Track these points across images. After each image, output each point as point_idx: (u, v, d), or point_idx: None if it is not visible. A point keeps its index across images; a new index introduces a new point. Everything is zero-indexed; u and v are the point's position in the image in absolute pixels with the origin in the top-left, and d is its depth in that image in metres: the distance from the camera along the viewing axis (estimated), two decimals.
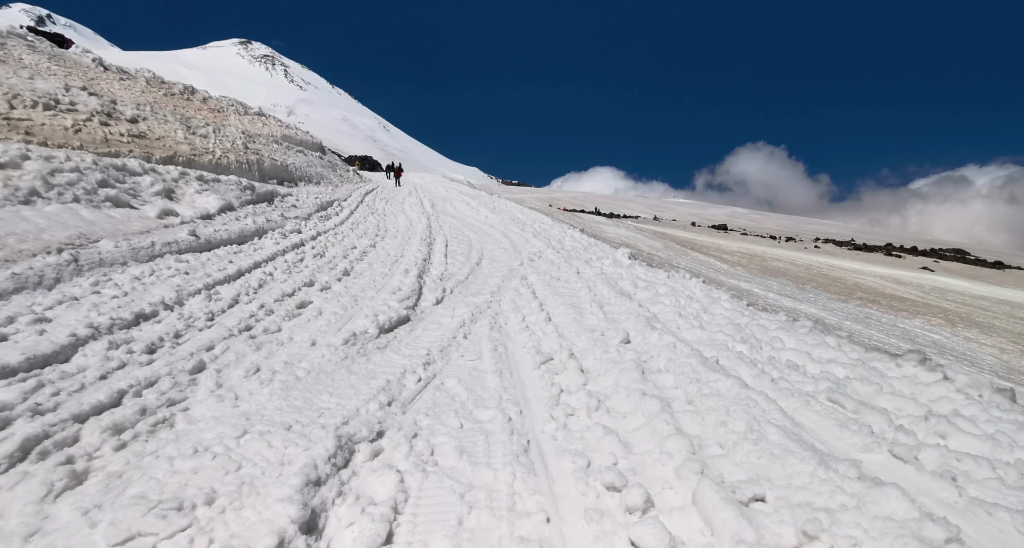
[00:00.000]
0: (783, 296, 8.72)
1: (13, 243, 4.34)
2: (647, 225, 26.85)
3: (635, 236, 16.73)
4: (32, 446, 2.09)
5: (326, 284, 5.50)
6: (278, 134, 21.12)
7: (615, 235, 15.66)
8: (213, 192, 8.76)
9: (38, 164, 6.08)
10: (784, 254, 20.39)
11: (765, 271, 13.43)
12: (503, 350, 3.83)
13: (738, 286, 8.79)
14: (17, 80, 10.32)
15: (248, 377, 3.08)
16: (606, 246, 9.57)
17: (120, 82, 17.92)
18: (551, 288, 5.66)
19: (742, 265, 14.08)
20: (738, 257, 16.32)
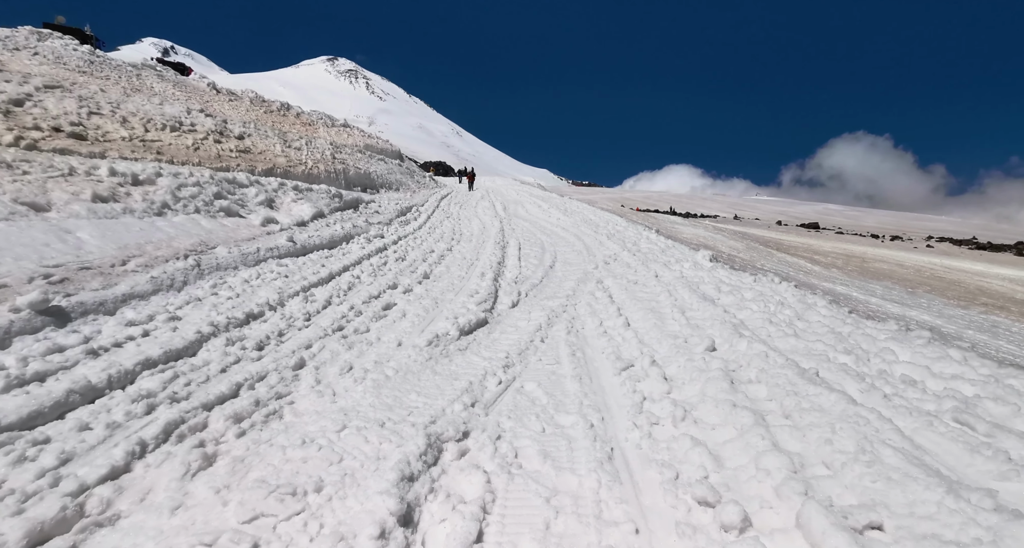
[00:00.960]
0: (889, 301, 7.89)
1: (151, 250, 4.98)
2: (727, 225, 25.45)
3: (714, 237, 15.92)
4: (172, 429, 2.38)
5: (408, 287, 5.76)
6: (361, 144, 22.46)
7: (692, 236, 15.01)
8: (307, 200, 9.49)
9: (168, 180, 6.93)
10: (889, 254, 18.43)
11: (866, 273, 12.23)
12: (581, 355, 3.81)
13: (834, 290, 8.08)
14: (150, 106, 11.83)
15: (343, 375, 3.31)
16: (684, 248, 9.19)
17: (229, 103, 19.95)
18: (628, 292, 5.54)
19: (837, 267, 12.93)
20: (832, 258, 15.00)
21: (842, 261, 14.44)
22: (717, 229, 19.84)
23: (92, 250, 4.58)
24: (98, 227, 5.09)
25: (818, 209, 55.73)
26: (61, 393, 2.50)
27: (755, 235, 19.97)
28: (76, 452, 2.15)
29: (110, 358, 3.02)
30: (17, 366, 2.68)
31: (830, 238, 24.73)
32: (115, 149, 8.88)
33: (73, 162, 6.86)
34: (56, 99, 9.84)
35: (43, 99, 9.61)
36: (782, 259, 12.77)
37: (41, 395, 2.45)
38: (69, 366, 2.84)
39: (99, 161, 7.44)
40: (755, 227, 26.17)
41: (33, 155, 6.97)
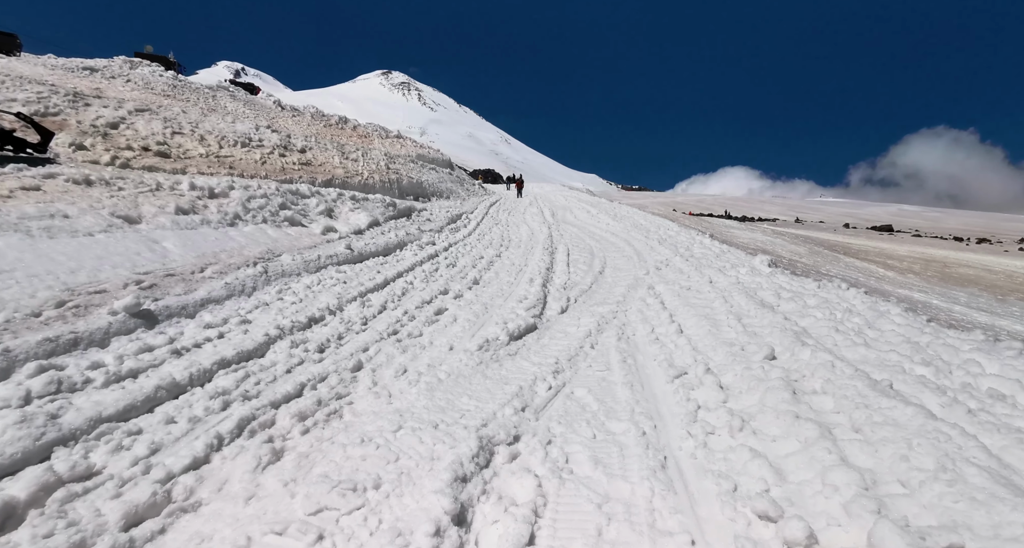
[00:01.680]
0: (975, 310, 7.22)
1: (225, 258, 5.38)
2: (787, 228, 24.18)
3: (773, 241, 15.18)
4: (245, 425, 2.57)
5: (459, 292, 5.87)
6: (413, 154, 23.18)
7: (749, 240, 14.38)
8: (363, 209, 9.91)
9: (240, 193, 7.46)
10: (975, 258, 16.87)
11: (947, 280, 11.25)
12: (632, 362, 3.75)
13: (911, 297, 7.50)
14: (224, 125, 12.78)
15: (398, 377, 3.43)
16: (740, 253, 8.83)
17: (292, 118, 21.20)
18: (681, 298, 5.39)
19: (914, 272, 11.98)
20: (908, 263, 13.91)
21: (920, 266, 13.37)
22: (776, 233, 18.91)
23: (175, 258, 5.00)
24: (180, 237, 5.55)
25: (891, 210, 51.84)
26: (151, 389, 2.75)
27: (819, 239, 18.86)
28: (164, 443, 2.36)
29: (191, 358, 3.29)
30: (114, 363, 2.98)
31: (906, 241, 22.96)
32: (194, 165, 9.67)
33: (159, 178, 7.53)
34: (145, 121, 10.85)
35: (135, 121, 10.62)
36: (850, 264, 11.98)
37: (134, 390, 2.71)
38: (157, 364, 3.12)
39: (181, 177, 8.13)
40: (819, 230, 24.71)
41: (126, 172, 7.72)
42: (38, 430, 2.18)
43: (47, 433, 2.19)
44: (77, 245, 4.45)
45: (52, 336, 3.01)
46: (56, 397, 2.53)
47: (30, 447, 2.10)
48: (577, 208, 18.91)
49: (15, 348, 2.78)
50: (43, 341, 2.94)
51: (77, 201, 5.46)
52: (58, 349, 2.97)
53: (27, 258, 3.87)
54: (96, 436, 2.32)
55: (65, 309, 3.41)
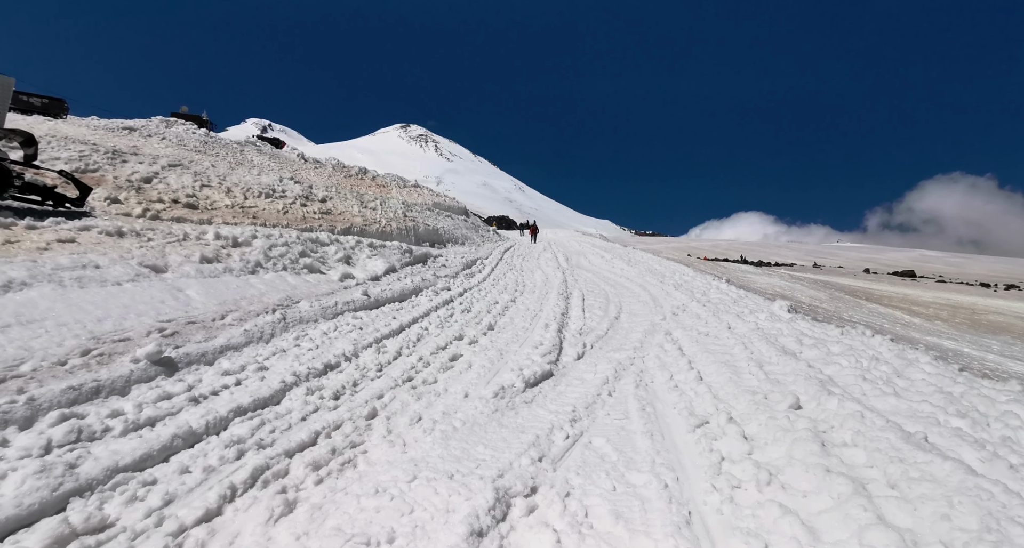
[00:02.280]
0: (1009, 358, 6.95)
1: (245, 305, 5.49)
2: (805, 273, 23.90)
3: (792, 286, 14.99)
4: (259, 475, 2.54)
5: (474, 338, 5.86)
6: (430, 202, 23.86)
7: (767, 285, 14.22)
8: (380, 256, 10.12)
9: (262, 241, 7.71)
10: (1005, 305, 16.37)
11: (977, 327, 10.89)
12: (651, 410, 3.65)
13: (940, 345, 7.26)
14: (250, 177, 13.40)
15: (413, 425, 3.38)
16: (759, 298, 8.73)
17: (314, 170, 22.14)
18: (700, 344, 5.30)
19: (941, 319, 11.63)
20: (935, 309, 13.54)
21: (947, 313, 13.00)
22: (794, 278, 18.69)
23: (198, 306, 5.12)
24: (203, 285, 5.71)
25: (912, 256, 51.08)
26: (167, 437, 2.76)
27: (839, 284, 18.57)
28: (178, 494, 2.33)
29: (208, 405, 3.30)
30: (133, 412, 3.00)
31: (930, 287, 22.46)
32: (220, 215, 10.07)
33: (187, 228, 7.85)
34: (176, 175, 11.44)
35: (167, 176, 11.20)
36: (873, 310, 11.72)
37: (151, 439, 2.71)
38: (175, 412, 3.13)
39: (207, 227, 8.45)
40: (838, 275, 24.37)
41: (156, 224, 8.07)
42: (56, 480, 2.18)
43: (64, 483, 2.18)
44: (105, 294, 4.61)
45: (76, 384, 3.06)
46: (75, 446, 2.54)
47: (47, 498, 2.09)
48: (591, 253, 19.03)
49: (39, 396, 2.83)
50: (66, 389, 2.99)
51: (108, 252, 5.70)
52: (80, 397, 3.02)
53: (58, 307, 4.00)
54: (112, 486, 2.31)
55: (90, 357, 3.49)
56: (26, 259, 4.69)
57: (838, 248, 60.83)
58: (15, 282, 4.12)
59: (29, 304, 3.90)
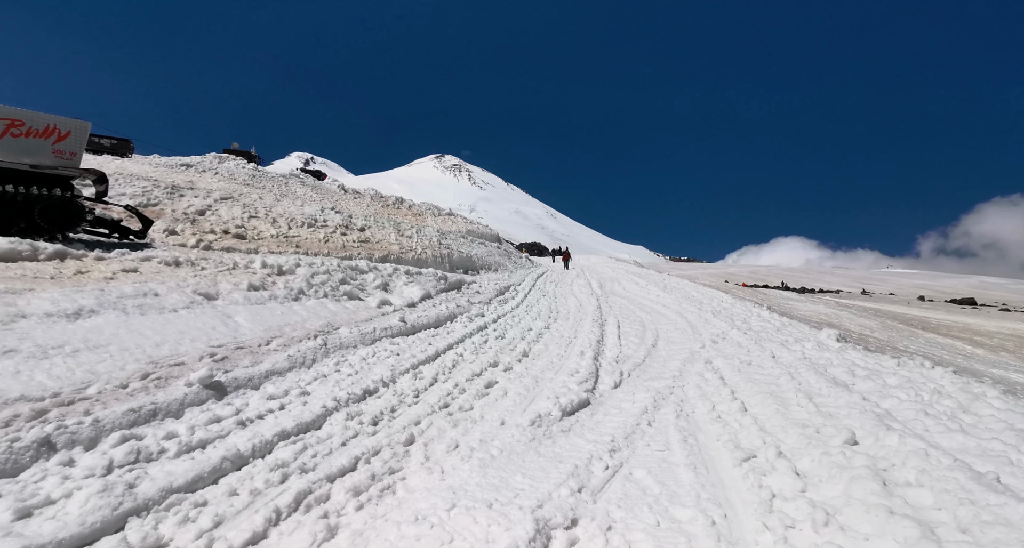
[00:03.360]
0: None
1: (288, 331, 5.69)
2: (853, 301, 22.82)
3: (839, 314, 14.33)
4: (301, 499, 2.58)
5: (508, 365, 5.85)
6: (463, 229, 24.28)
7: (811, 313, 13.65)
8: (416, 283, 10.32)
9: (305, 269, 8.02)
10: None
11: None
12: (694, 441, 3.53)
13: (1007, 378, 6.75)
14: (293, 208, 14.04)
15: (450, 452, 3.38)
16: (804, 326, 8.39)
17: (354, 200, 23.00)
18: (742, 374, 5.12)
19: (1008, 350, 10.83)
20: (1000, 340, 12.63)
21: (1013, 344, 12.10)
22: (841, 305, 17.88)
23: (245, 332, 5.34)
24: (251, 312, 5.96)
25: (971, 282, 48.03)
26: (217, 460, 2.85)
27: (891, 312, 17.63)
28: (226, 516, 2.40)
29: (254, 429, 3.40)
30: (187, 434, 3.13)
31: (993, 316, 21.01)
32: (266, 245, 10.57)
33: (236, 258, 8.26)
34: (227, 207, 12.12)
35: (219, 208, 11.89)
36: (931, 340, 11.04)
37: (203, 461, 2.82)
38: (224, 435, 3.25)
39: (254, 256, 8.88)
40: (890, 303, 23.15)
41: (209, 253, 8.53)
42: (116, 500, 2.28)
43: (124, 503, 2.29)
44: (163, 321, 4.87)
45: (135, 407, 3.23)
46: (134, 467, 2.66)
47: (108, 517, 2.19)
48: (625, 279, 18.82)
49: (103, 418, 3.00)
50: (127, 411, 3.16)
51: (166, 281, 6.06)
52: (139, 419, 3.17)
53: (121, 333, 4.26)
54: (166, 507, 2.40)
55: (148, 381, 3.68)
56: (95, 288, 5.04)
57: (888, 274, 57.87)
58: (85, 309, 4.42)
59: (96, 330, 4.17)
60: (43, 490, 2.35)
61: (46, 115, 7.02)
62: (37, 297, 4.41)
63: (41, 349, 3.65)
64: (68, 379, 3.38)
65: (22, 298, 4.32)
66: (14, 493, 2.30)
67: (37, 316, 4.09)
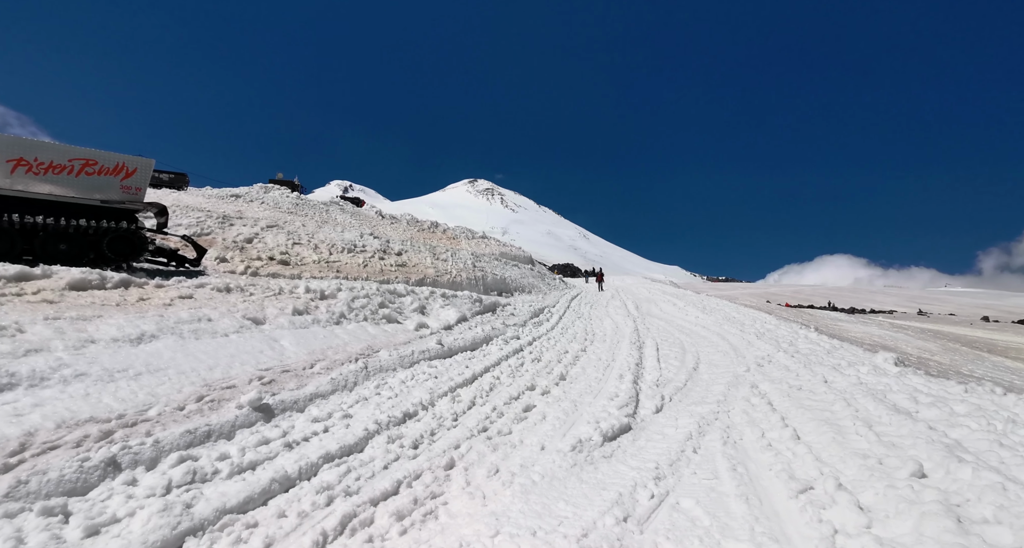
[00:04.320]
0: None
1: (331, 354, 5.84)
2: (909, 322, 21.53)
3: (894, 336, 13.54)
4: (347, 522, 2.61)
5: (546, 388, 5.79)
6: (497, 252, 24.52)
7: (863, 334, 12.96)
8: (452, 306, 10.44)
9: (346, 293, 8.25)
10: None
11: None
12: (744, 471, 3.38)
13: None
14: (334, 234, 14.55)
15: (491, 477, 3.35)
16: (856, 349, 7.97)
17: (390, 225, 23.67)
18: (792, 399, 4.89)
19: None
20: None
21: None
22: (896, 327, 16.90)
23: (290, 355, 5.52)
24: (295, 335, 6.17)
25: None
26: (267, 481, 2.93)
27: (953, 334, 16.53)
28: (276, 537, 2.45)
29: (300, 451, 3.48)
30: (238, 455, 3.24)
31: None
32: (308, 270, 10.96)
33: (281, 283, 8.61)
34: (273, 235, 12.69)
35: (265, 236, 12.46)
36: (999, 364, 10.26)
37: (253, 482, 2.90)
38: (272, 457, 3.34)
39: (298, 281, 9.22)
40: (950, 324, 21.71)
41: (256, 279, 8.92)
42: (175, 519, 2.38)
43: (182, 523, 2.38)
44: (216, 345, 5.11)
45: (191, 428, 3.37)
46: (191, 487, 2.77)
47: (168, 536, 2.28)
48: (661, 300, 18.45)
49: (163, 439, 3.15)
50: (184, 433, 3.30)
51: (218, 306, 6.36)
52: (195, 441, 3.31)
53: (178, 357, 4.49)
54: (220, 527, 2.47)
55: (203, 403, 3.85)
56: (155, 314, 5.35)
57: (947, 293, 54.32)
58: (146, 334, 4.69)
59: (156, 354, 4.41)
60: (109, 508, 2.48)
61: (116, 154, 7.63)
62: (104, 323, 4.72)
63: (108, 372, 3.89)
64: (131, 401, 3.58)
65: (92, 324, 4.63)
66: (84, 510, 2.44)
67: (104, 341, 4.37)
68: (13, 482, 2.45)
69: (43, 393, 3.41)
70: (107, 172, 7.59)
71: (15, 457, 2.70)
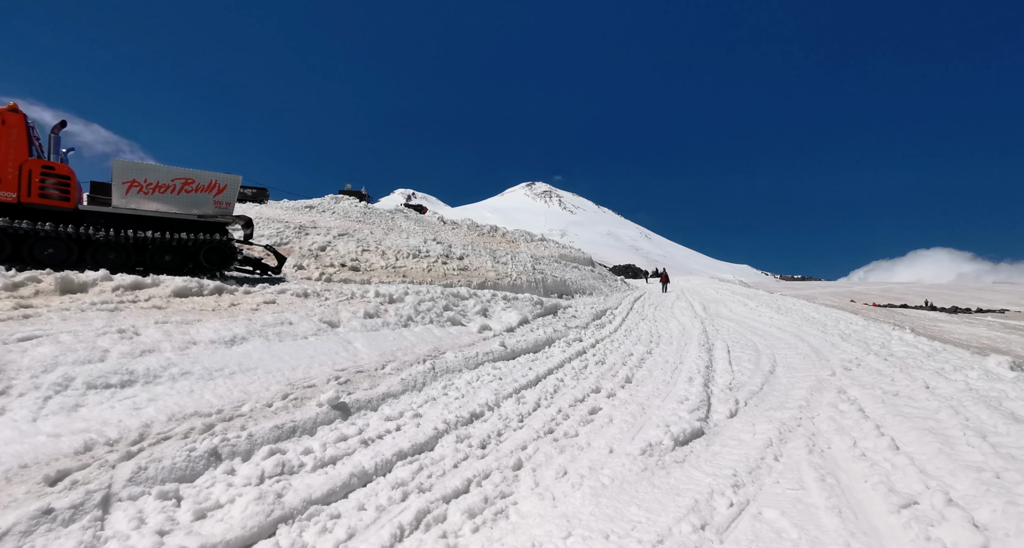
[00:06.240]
0: None
1: (400, 355, 6.08)
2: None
3: (1006, 337, 12.05)
4: (422, 518, 2.70)
5: (611, 391, 5.69)
6: (556, 254, 24.43)
7: (969, 336, 11.63)
8: (513, 308, 10.52)
9: (412, 297, 8.56)
10: None
11: None
12: (834, 482, 3.13)
13: None
14: (399, 241, 15.13)
15: (559, 479, 3.34)
16: (962, 351, 7.17)
17: (451, 231, 24.25)
18: (888, 406, 4.48)
19: None
20: None
21: None
22: (1010, 328, 15.03)
23: (363, 356, 5.80)
24: (367, 338, 6.47)
25: None
26: (346, 476, 3.10)
27: None
28: (357, 529, 2.58)
29: (376, 448, 3.64)
30: (320, 450, 3.44)
31: None
32: (377, 275, 11.48)
33: (353, 288, 9.07)
34: (344, 243, 13.40)
35: (336, 244, 13.19)
36: None
37: (335, 476, 3.07)
38: (350, 453, 3.52)
39: (368, 286, 9.68)
40: None
41: (330, 285, 9.46)
42: (269, 507, 2.57)
43: (275, 511, 2.56)
44: (296, 347, 5.47)
45: (279, 424, 3.63)
46: (280, 478, 2.98)
47: (263, 523, 2.47)
48: (731, 301, 17.56)
49: (256, 433, 3.41)
50: (273, 428, 3.56)
51: (298, 310, 6.81)
52: (282, 435, 3.56)
53: (266, 358, 4.86)
54: (307, 517, 2.64)
55: (288, 401, 4.13)
56: (244, 318, 5.83)
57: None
58: (238, 337, 5.12)
59: (246, 355, 4.80)
60: (213, 495, 2.72)
61: (209, 173, 8.42)
62: (203, 326, 5.19)
63: (208, 371, 4.28)
64: (228, 397, 3.92)
65: (193, 327, 5.12)
66: (192, 495, 2.70)
67: (204, 343, 4.82)
68: (135, 468, 2.76)
69: (156, 389, 3.81)
70: (202, 189, 8.39)
71: (135, 446, 3.04)
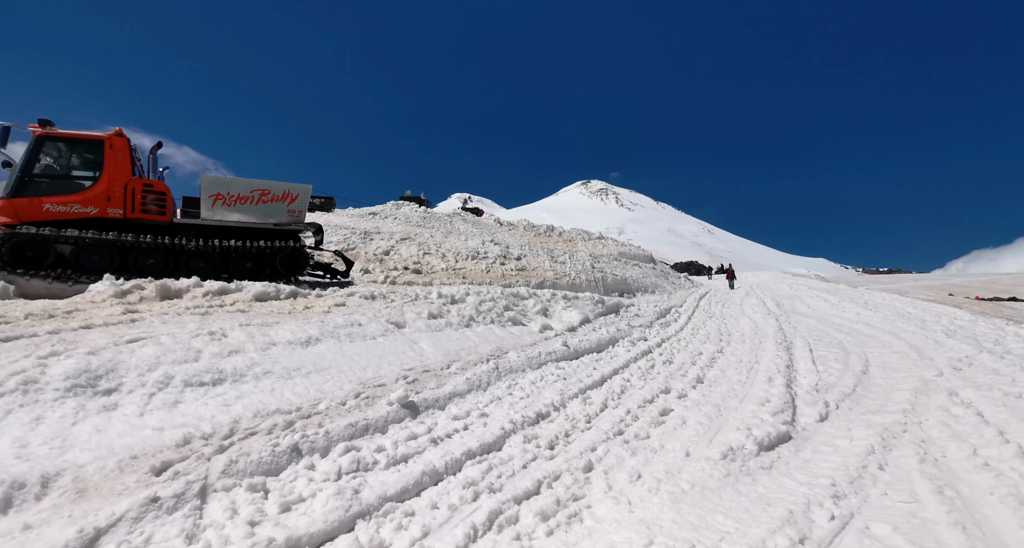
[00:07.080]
0: None
1: (464, 355, 6.12)
2: None
3: None
4: (494, 518, 2.66)
5: (682, 392, 5.42)
6: (615, 252, 23.90)
7: None
8: (574, 307, 10.35)
9: (473, 298, 8.63)
10: None
11: None
12: (953, 494, 2.77)
13: None
14: (458, 243, 15.39)
15: (633, 482, 3.19)
16: None
17: (508, 232, 24.39)
18: (1012, 410, 3.94)
19: None
20: None
21: None
22: None
23: (429, 356, 5.90)
24: (431, 338, 6.58)
25: None
26: (418, 474, 3.12)
27: None
28: (431, 527, 2.58)
29: (445, 447, 3.66)
30: (391, 448, 3.50)
31: None
32: (438, 277, 11.71)
33: (416, 290, 9.29)
34: (406, 247, 13.81)
35: (399, 248, 13.61)
36: None
37: (407, 474, 3.11)
38: (421, 451, 3.55)
39: (430, 288, 9.89)
40: None
41: (394, 287, 9.76)
42: (347, 502, 2.63)
43: (353, 506, 2.62)
44: (366, 347, 5.65)
45: (353, 422, 3.74)
46: (356, 475, 3.06)
47: (343, 517, 2.53)
48: (808, 297, 16.37)
49: (332, 431, 3.53)
50: (347, 426, 3.67)
51: (366, 312, 7.05)
52: (356, 433, 3.66)
53: (338, 358, 5.05)
54: (383, 513, 2.68)
55: (359, 399, 4.26)
56: (317, 320, 6.10)
57: None
58: (312, 338, 5.36)
59: (320, 355, 5.01)
60: (296, 489, 2.83)
61: (283, 183, 8.96)
62: (282, 329, 5.49)
63: (287, 371, 4.50)
64: (305, 396, 4.10)
65: (272, 330, 5.43)
66: (278, 489, 2.82)
67: (283, 344, 5.08)
68: (228, 461, 2.92)
69: (242, 387, 4.05)
70: (277, 199, 8.93)
71: (227, 440, 3.23)
